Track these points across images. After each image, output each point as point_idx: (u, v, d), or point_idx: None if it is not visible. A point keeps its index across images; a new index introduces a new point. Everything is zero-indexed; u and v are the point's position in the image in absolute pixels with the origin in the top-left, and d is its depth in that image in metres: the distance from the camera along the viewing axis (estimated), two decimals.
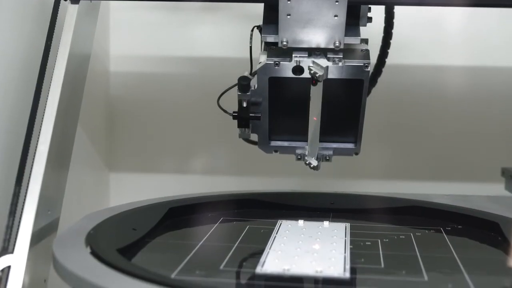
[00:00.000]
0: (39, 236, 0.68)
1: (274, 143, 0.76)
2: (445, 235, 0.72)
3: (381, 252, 0.65)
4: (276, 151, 0.77)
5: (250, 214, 0.80)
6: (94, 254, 0.57)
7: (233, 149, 1.17)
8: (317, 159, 0.74)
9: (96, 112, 1.14)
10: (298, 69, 0.68)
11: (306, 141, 0.72)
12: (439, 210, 0.79)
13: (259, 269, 0.58)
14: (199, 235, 0.70)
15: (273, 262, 0.60)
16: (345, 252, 0.64)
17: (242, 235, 0.70)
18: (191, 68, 1.16)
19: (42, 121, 0.71)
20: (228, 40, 1.12)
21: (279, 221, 0.75)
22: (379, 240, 0.69)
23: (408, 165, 1.16)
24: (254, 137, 0.77)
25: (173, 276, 0.56)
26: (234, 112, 0.72)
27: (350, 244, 0.67)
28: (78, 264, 0.55)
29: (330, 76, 0.67)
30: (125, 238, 0.64)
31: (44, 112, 0.71)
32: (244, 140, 0.77)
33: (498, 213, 0.75)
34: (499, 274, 0.61)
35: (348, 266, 0.59)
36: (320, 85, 0.66)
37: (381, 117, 1.12)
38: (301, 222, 0.75)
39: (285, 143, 0.76)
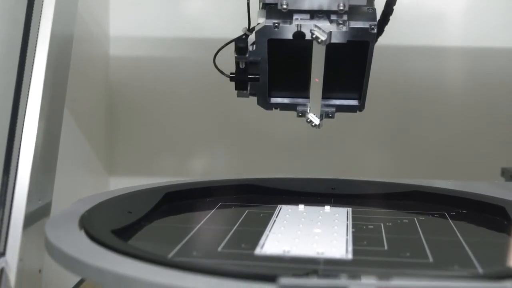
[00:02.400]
0: (31, 222, 0.66)
1: (274, 100, 0.74)
2: (449, 220, 0.70)
3: (384, 235, 0.63)
4: (276, 108, 0.74)
5: (249, 199, 0.78)
6: (88, 235, 0.56)
7: (237, 150, 1.15)
8: (319, 117, 0.71)
9: (95, 108, 1.10)
10: (299, 35, 0.65)
11: (308, 98, 0.70)
12: (443, 195, 0.77)
13: (259, 251, 0.56)
14: (196, 219, 0.68)
15: (273, 244, 0.58)
16: (347, 235, 0.62)
17: (241, 219, 0.68)
18: (200, 52, 1.12)
19: (26, 108, 0.67)
20: (238, 19, 1.09)
21: (279, 206, 0.73)
22: (381, 224, 0.67)
23: (407, 165, 1.14)
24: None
25: (169, 257, 0.54)
26: (231, 74, 0.69)
27: (352, 228, 0.65)
28: (71, 245, 0.53)
29: (333, 40, 0.64)
30: (120, 221, 0.62)
31: (27, 99, 0.67)
32: None
33: (504, 197, 0.73)
34: (507, 257, 0.59)
35: (350, 248, 0.57)
36: (322, 46, 0.63)
37: (380, 118, 1.11)
38: (301, 206, 0.73)
39: (286, 100, 0.74)
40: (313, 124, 0.72)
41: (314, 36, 0.63)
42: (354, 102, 0.73)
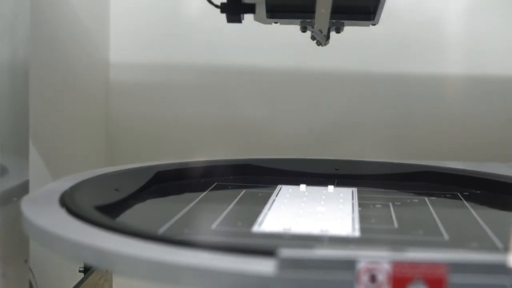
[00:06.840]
0: (6, 202, 0.61)
1: (274, 15, 0.66)
2: (463, 200, 0.64)
3: (393, 213, 0.58)
4: (276, 23, 0.67)
5: (247, 180, 0.73)
6: (69, 210, 0.50)
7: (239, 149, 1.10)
8: (326, 34, 0.64)
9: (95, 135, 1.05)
10: None
11: (313, 12, 0.61)
12: (455, 175, 0.72)
13: (256, 228, 0.51)
14: (189, 198, 0.63)
15: (272, 222, 0.53)
16: (353, 213, 0.57)
17: (238, 198, 0.63)
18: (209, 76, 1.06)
19: None
20: (241, 45, 1.04)
21: (279, 186, 0.68)
22: (390, 203, 0.62)
23: None
24: None
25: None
26: (222, 4, 0.62)
27: (359, 207, 0.60)
28: (48, 219, 0.48)
29: None
30: (105, 198, 0.57)
31: None
32: None
33: None
34: None
35: (357, 226, 0.52)
36: None
37: (380, 121, 1.07)
38: (303, 186, 0.67)
39: (287, 14, 0.66)
40: (318, 43, 0.65)
41: None
42: (367, 16, 0.65)
